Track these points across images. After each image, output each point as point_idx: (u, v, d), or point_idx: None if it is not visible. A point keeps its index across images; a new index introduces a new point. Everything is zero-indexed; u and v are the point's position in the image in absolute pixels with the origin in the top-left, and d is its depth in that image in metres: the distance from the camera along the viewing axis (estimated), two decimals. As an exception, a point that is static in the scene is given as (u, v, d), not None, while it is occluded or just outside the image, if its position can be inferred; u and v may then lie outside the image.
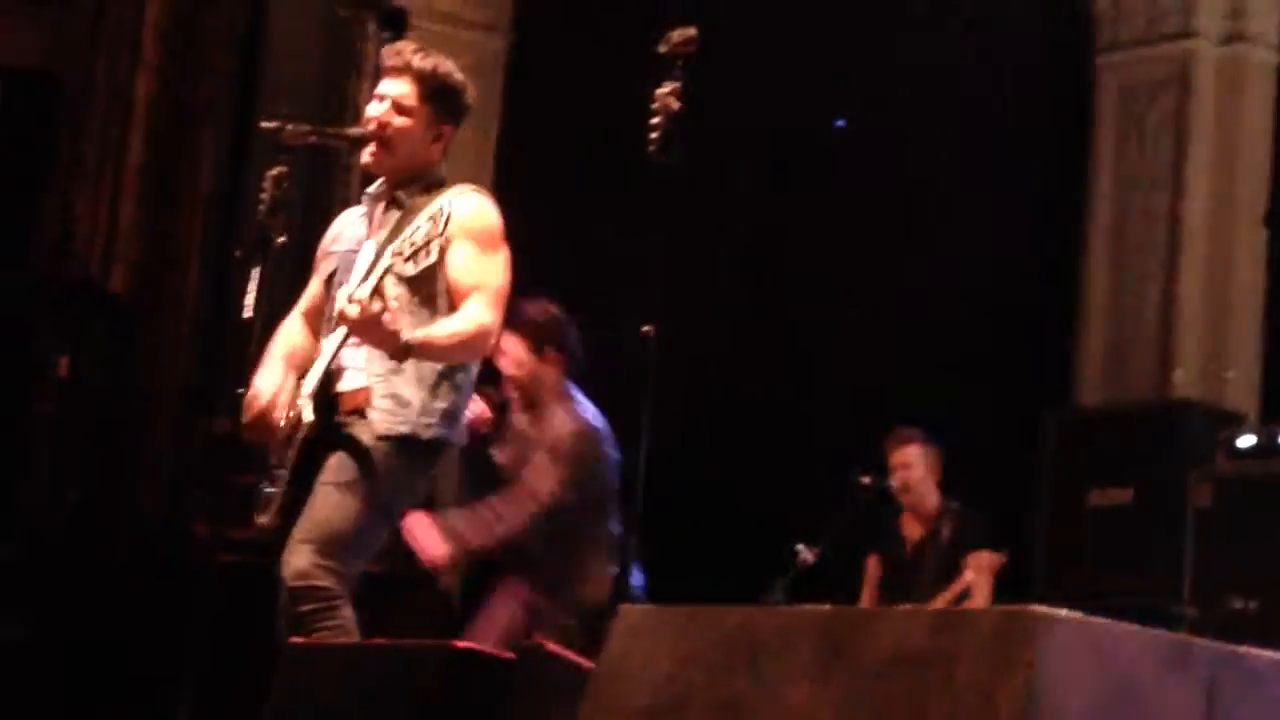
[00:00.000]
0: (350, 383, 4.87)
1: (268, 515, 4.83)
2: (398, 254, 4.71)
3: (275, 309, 5.04)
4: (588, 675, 3.13)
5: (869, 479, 7.99)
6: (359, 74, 8.80)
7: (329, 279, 5.05)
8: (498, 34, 9.37)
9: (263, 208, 4.87)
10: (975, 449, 8.27)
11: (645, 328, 4.68)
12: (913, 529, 8.14)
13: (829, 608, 3.05)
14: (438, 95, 5.02)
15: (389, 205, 4.98)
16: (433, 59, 5.06)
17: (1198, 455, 7.68)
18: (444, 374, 4.90)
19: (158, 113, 8.69)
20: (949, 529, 8.01)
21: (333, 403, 4.84)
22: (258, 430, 4.85)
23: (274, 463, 4.85)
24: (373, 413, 4.83)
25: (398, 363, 4.80)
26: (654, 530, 4.77)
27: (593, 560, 6.25)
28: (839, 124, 9.63)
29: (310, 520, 4.74)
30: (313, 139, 5.09)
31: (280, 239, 4.85)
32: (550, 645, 4.07)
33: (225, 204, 8.60)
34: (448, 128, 5.05)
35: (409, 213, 4.86)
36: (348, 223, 5.15)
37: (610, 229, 6.53)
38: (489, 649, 4.04)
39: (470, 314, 4.84)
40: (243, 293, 4.83)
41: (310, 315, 5.10)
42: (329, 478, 4.78)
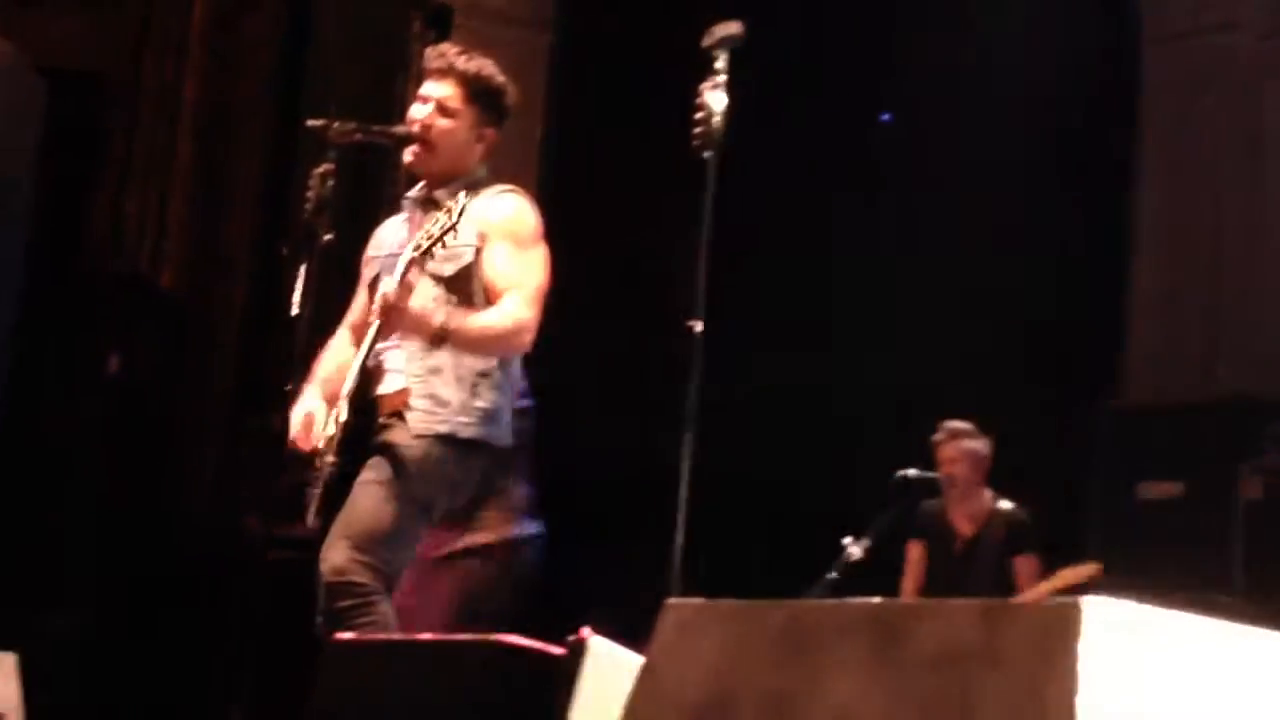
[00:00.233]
0: (389, 385, 4.88)
1: (309, 516, 4.85)
2: (416, 248, 4.72)
3: (322, 306, 5.05)
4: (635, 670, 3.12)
5: (916, 473, 7.97)
6: (405, 72, 8.82)
7: (372, 285, 5.06)
8: (542, 31, 9.38)
9: (309, 206, 4.89)
10: (1025, 443, 8.24)
11: (691, 324, 4.67)
12: (962, 524, 8.12)
13: (878, 601, 3.03)
14: (481, 97, 5.03)
15: (428, 207, 4.99)
16: (476, 61, 5.07)
17: (1248, 448, 7.64)
18: (482, 373, 4.90)
19: (205, 112, 8.73)
20: (1001, 529, 7.99)
21: (372, 404, 4.85)
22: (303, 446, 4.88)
23: (315, 464, 4.86)
24: (411, 413, 4.84)
25: (433, 351, 4.81)
26: (701, 526, 4.75)
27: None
28: (884, 118, 9.61)
29: (348, 517, 4.75)
30: (358, 137, 5.10)
31: (327, 236, 4.87)
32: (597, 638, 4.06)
33: (272, 202, 8.63)
34: (490, 130, 5.07)
35: (450, 217, 4.86)
36: (390, 229, 5.16)
37: (655, 225, 6.52)
38: (534, 644, 4.03)
39: (506, 309, 4.84)
40: (290, 290, 4.84)
41: (357, 329, 5.12)
42: (368, 476, 4.80)
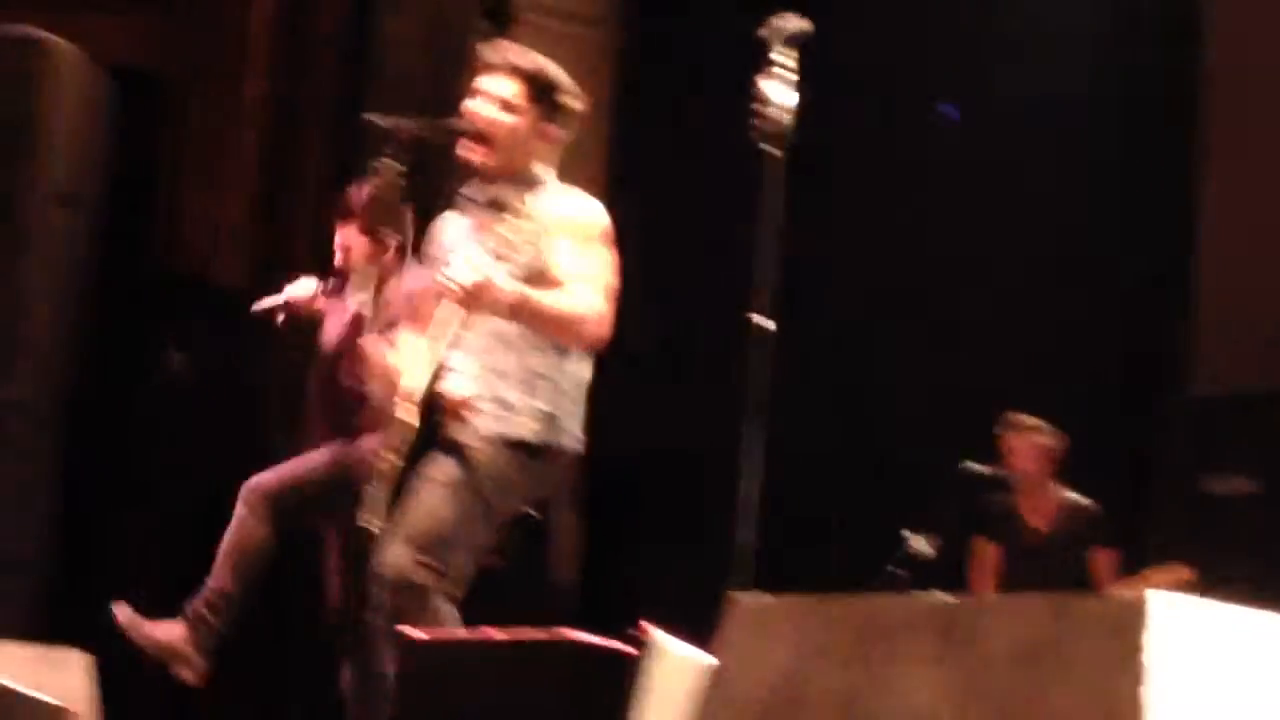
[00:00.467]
0: (453, 385, 4.86)
1: (371, 515, 4.84)
2: (491, 250, 4.71)
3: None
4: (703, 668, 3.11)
5: (981, 467, 7.93)
6: (466, 68, 8.82)
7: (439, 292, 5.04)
8: (604, 27, 9.37)
9: (372, 201, 4.89)
10: (1092, 436, 8.20)
11: (759, 318, 4.66)
12: (1032, 519, 8.07)
13: (948, 596, 3.02)
14: (543, 95, 5.01)
15: (490, 205, 4.97)
16: (537, 58, 5.06)
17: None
18: (542, 375, 4.89)
19: (266, 109, 8.77)
20: (1073, 522, 7.95)
21: (435, 404, 4.84)
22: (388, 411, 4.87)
23: (381, 464, 4.86)
24: (475, 414, 4.82)
25: (495, 351, 4.80)
26: (771, 521, 4.74)
27: None
28: (947, 109, 9.57)
29: (409, 517, 4.75)
30: (420, 132, 5.10)
31: (388, 231, 4.87)
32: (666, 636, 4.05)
33: (334, 197, 8.65)
34: (550, 128, 5.04)
35: (513, 213, 4.85)
36: (448, 226, 5.14)
37: (722, 219, 6.50)
38: (602, 640, 4.02)
39: (578, 294, 4.82)
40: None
41: (421, 323, 5.10)
42: (431, 474, 4.78)
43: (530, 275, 4.84)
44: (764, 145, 4.76)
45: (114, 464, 7.63)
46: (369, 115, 5.09)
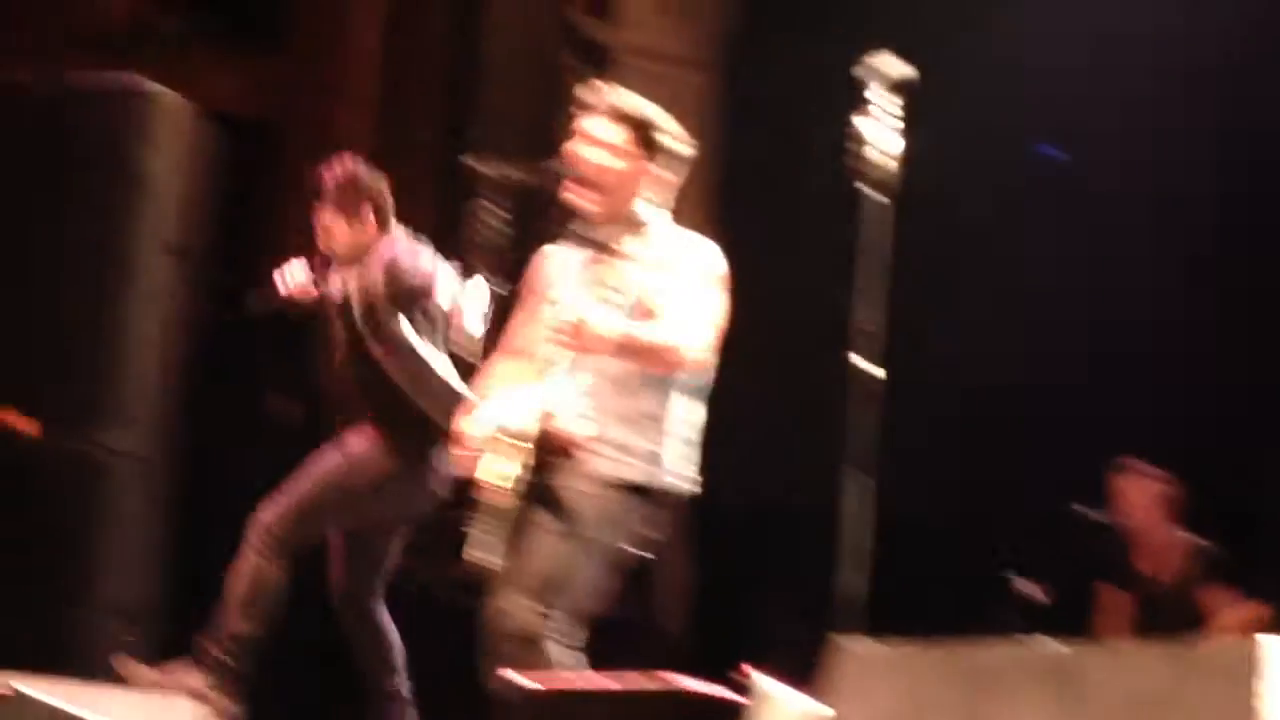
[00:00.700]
0: (564, 426, 4.86)
1: (477, 552, 4.85)
2: (595, 291, 4.71)
3: (489, 343, 5.07)
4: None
5: (1093, 513, 7.87)
6: (565, 110, 8.86)
7: (539, 319, 5.06)
8: (702, 69, 9.40)
9: (473, 242, 4.91)
10: (1208, 480, 8.10)
11: (862, 363, 4.65)
12: (1149, 564, 7.98)
13: (1059, 644, 2.99)
14: (646, 138, 5.02)
15: (598, 247, 4.97)
16: (639, 102, 5.06)
17: None
18: (655, 417, 4.88)
19: (372, 153, 8.83)
20: (1191, 565, 7.86)
21: (547, 446, 4.84)
22: (466, 467, 4.88)
23: (483, 500, 4.86)
24: (588, 455, 4.82)
25: (604, 391, 4.81)
26: (880, 564, 4.73)
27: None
28: (1049, 151, 9.53)
29: (525, 566, 4.74)
30: (521, 175, 5.12)
31: (490, 273, 4.89)
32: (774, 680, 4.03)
33: (437, 241, 8.70)
34: (654, 169, 5.04)
35: (619, 255, 4.85)
36: (556, 263, 5.14)
37: (820, 260, 6.50)
38: (715, 690, 4.01)
39: (675, 323, 4.80)
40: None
41: (520, 354, 5.11)
42: (544, 524, 4.78)
43: (635, 316, 4.84)
44: (862, 186, 4.75)
45: (223, 510, 7.68)
46: (469, 158, 5.12)
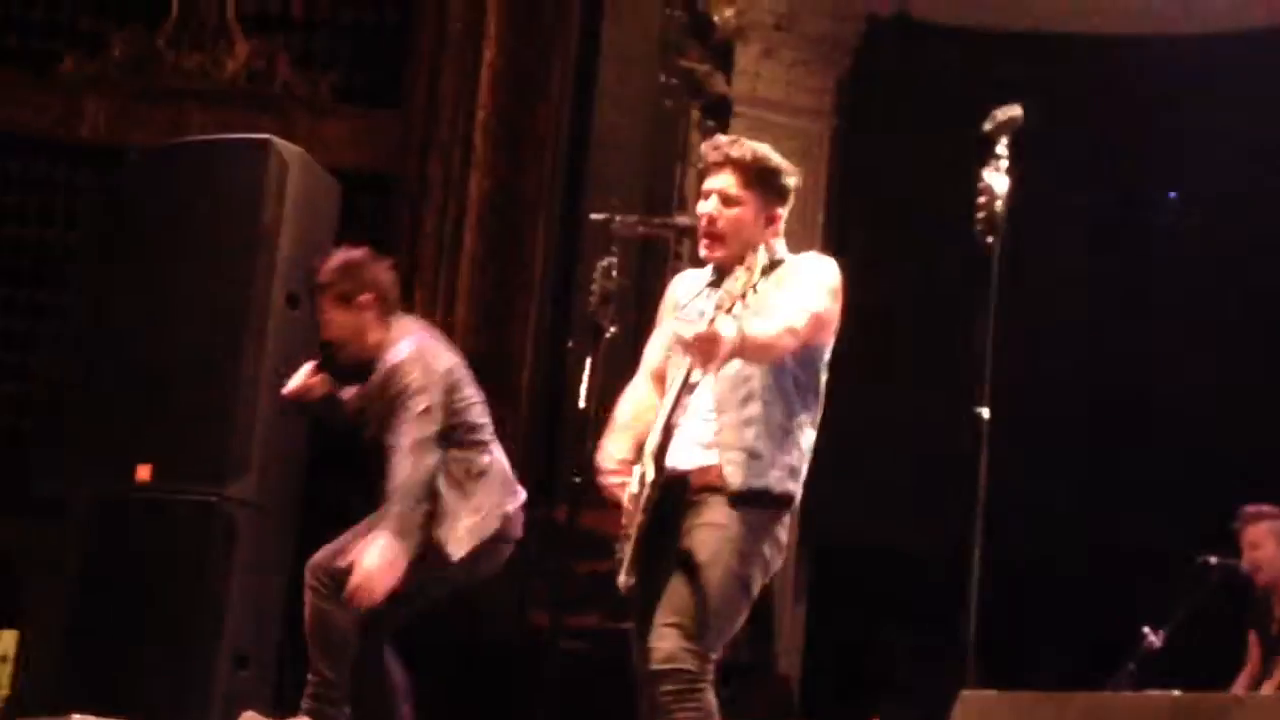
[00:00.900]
0: (694, 459, 4.87)
1: (621, 576, 4.85)
2: (719, 305, 4.71)
3: (608, 399, 5.08)
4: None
5: (1216, 559, 7.76)
6: (685, 164, 8.90)
7: (671, 349, 5.07)
8: (822, 118, 9.40)
9: (593, 299, 4.93)
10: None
11: (980, 409, 4.62)
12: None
13: (1178, 694, 2.95)
14: (760, 180, 5.02)
15: (725, 285, 4.97)
16: (748, 146, 5.07)
17: None
18: (788, 429, 4.88)
19: (490, 209, 8.90)
20: None
21: (682, 479, 4.85)
22: (608, 493, 4.89)
23: (623, 523, 4.87)
24: (726, 468, 4.82)
25: (745, 407, 4.80)
26: (994, 613, 4.69)
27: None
28: (1171, 196, 9.47)
29: (674, 603, 4.73)
30: (641, 229, 5.13)
31: (611, 329, 4.90)
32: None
33: (557, 296, 8.74)
34: (776, 210, 5.06)
35: (747, 289, 4.85)
36: (691, 291, 5.15)
37: (939, 309, 6.48)
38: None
39: (778, 318, 4.78)
40: (576, 383, 4.88)
41: (655, 377, 5.12)
42: (689, 559, 4.77)
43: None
44: (986, 236, 4.73)
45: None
46: (593, 216, 5.13)
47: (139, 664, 6.38)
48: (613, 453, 4.93)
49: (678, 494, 4.84)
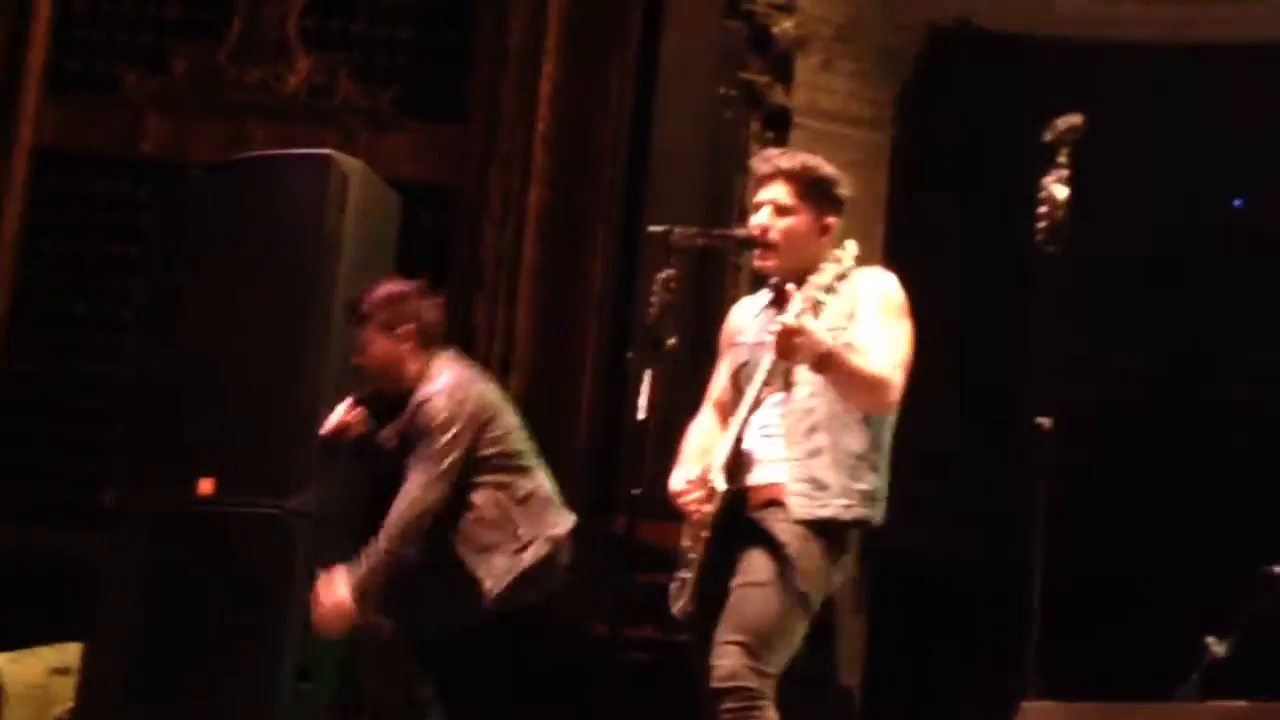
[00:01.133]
0: (762, 475, 4.88)
1: (682, 602, 4.86)
2: (796, 310, 4.70)
3: (667, 411, 5.08)
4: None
5: (1287, 571, 7.70)
6: (744, 175, 8.88)
7: (737, 372, 5.08)
8: (881, 129, 9.38)
9: (653, 311, 4.93)
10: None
11: (1041, 420, 4.61)
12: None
13: (1243, 704, 2.93)
14: (812, 189, 5.03)
15: (786, 295, 4.97)
16: (798, 157, 5.09)
17: None
18: (860, 455, 4.87)
19: (550, 221, 8.92)
20: None
21: (745, 495, 4.85)
22: (685, 511, 4.89)
23: (688, 545, 4.88)
24: (790, 498, 4.82)
25: (813, 435, 4.80)
26: (1057, 624, 4.66)
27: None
28: (1237, 203, 9.40)
29: (735, 620, 4.74)
30: (700, 241, 5.14)
31: (671, 341, 4.90)
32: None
33: (617, 308, 8.75)
34: (829, 218, 5.06)
35: (808, 301, 4.84)
36: (750, 314, 5.17)
37: (1001, 320, 6.45)
38: None
39: (877, 361, 4.79)
40: (636, 395, 4.89)
41: (721, 408, 5.13)
42: (750, 577, 4.77)
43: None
44: (1048, 246, 4.72)
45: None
46: (652, 228, 5.14)
47: (201, 676, 6.42)
48: (684, 481, 4.93)
49: (741, 509, 4.85)
